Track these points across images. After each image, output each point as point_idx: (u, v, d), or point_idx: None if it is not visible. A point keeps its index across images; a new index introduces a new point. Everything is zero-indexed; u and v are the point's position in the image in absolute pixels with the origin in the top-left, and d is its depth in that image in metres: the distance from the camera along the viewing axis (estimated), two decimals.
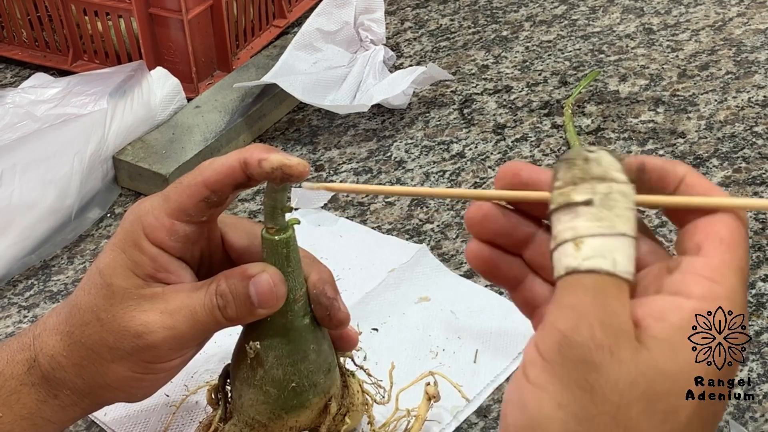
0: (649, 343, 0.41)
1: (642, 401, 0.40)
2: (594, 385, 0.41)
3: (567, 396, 0.41)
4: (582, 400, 0.41)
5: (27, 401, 0.63)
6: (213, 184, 0.60)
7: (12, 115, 1.05)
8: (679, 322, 0.41)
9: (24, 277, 0.94)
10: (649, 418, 0.40)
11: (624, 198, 0.45)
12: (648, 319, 0.42)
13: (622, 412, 0.40)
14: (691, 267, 0.42)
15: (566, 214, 0.45)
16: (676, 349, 0.41)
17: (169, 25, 1.13)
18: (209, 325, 0.62)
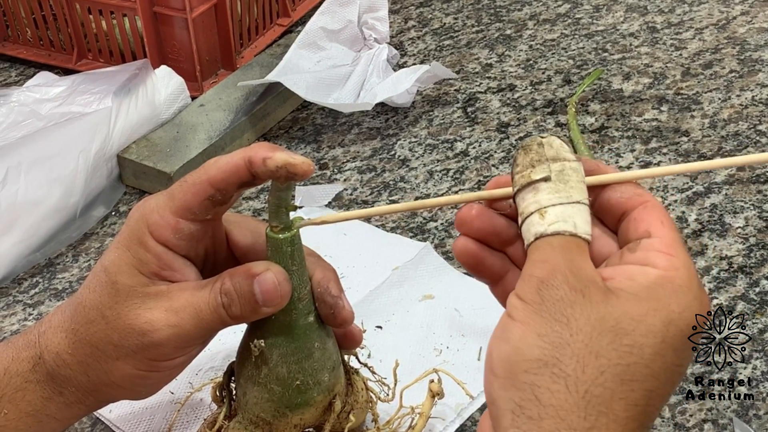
0: (618, 293, 0.48)
1: (610, 334, 0.47)
2: (569, 318, 0.47)
3: (546, 327, 0.47)
4: (559, 330, 0.47)
5: (32, 398, 0.63)
6: (218, 183, 0.60)
7: (17, 113, 1.05)
8: (646, 282, 0.48)
9: (29, 274, 0.94)
10: (617, 349, 0.47)
11: (575, 173, 0.53)
12: (618, 278, 0.49)
13: (594, 341, 0.47)
14: (650, 246, 0.50)
15: (529, 192, 0.53)
16: (641, 300, 0.48)
17: (173, 23, 1.13)
18: (214, 323, 0.62)
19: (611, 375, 0.46)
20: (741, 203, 0.95)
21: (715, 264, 0.88)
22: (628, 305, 0.48)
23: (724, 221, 0.93)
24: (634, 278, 0.49)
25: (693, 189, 0.97)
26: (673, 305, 0.48)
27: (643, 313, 0.47)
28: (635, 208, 0.52)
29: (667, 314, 0.48)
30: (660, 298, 0.48)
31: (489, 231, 0.55)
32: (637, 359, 0.47)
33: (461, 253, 0.57)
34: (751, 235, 0.91)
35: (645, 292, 0.48)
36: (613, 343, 0.47)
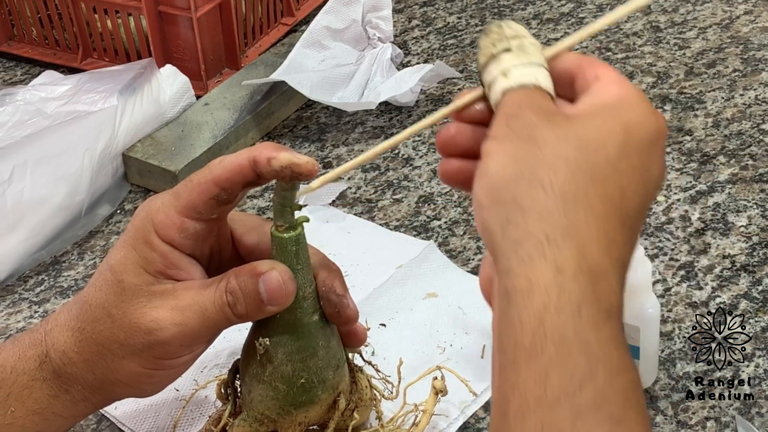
0: (579, 114, 0.53)
1: (576, 142, 0.51)
2: (537, 137, 0.51)
3: (516, 148, 0.51)
4: (528, 148, 0.51)
5: (38, 396, 0.64)
6: (223, 182, 0.61)
7: (22, 112, 1.05)
8: (602, 102, 0.53)
9: (35, 272, 0.95)
10: (584, 153, 0.51)
11: (534, 46, 0.57)
12: (578, 108, 0.53)
13: (561, 149, 0.51)
14: (601, 82, 0.54)
15: (492, 64, 0.56)
16: (600, 115, 0.52)
17: (178, 23, 1.14)
18: (219, 321, 0.62)
19: (582, 174, 0.50)
20: (744, 202, 0.95)
21: (718, 263, 0.89)
22: (589, 120, 0.52)
23: (727, 220, 0.94)
24: (592, 103, 0.53)
25: (696, 188, 0.98)
26: (630, 115, 0.52)
27: (603, 123, 0.52)
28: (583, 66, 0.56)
29: (625, 122, 0.52)
30: (617, 111, 0.52)
31: (471, 144, 0.57)
32: (603, 159, 0.51)
33: (448, 173, 0.59)
34: (754, 234, 0.92)
35: (603, 109, 0.53)
36: (580, 148, 0.51)
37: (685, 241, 0.91)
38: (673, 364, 0.79)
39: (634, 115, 0.52)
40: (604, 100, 0.53)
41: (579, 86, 0.55)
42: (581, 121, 0.52)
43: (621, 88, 0.54)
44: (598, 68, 0.55)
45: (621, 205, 0.51)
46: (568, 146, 0.51)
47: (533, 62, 0.56)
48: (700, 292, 0.86)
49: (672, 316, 0.84)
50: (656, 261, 0.89)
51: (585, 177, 0.50)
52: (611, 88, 0.54)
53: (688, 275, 0.88)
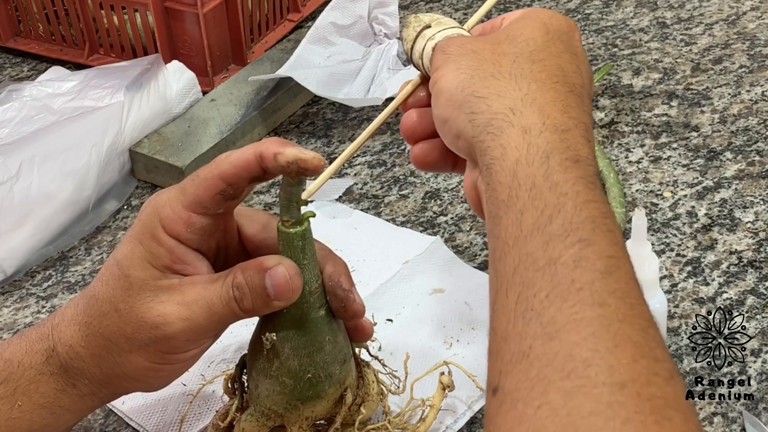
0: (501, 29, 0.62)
1: (507, 40, 0.59)
2: (473, 48, 0.60)
3: (458, 62, 0.59)
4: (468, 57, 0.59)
5: (45, 390, 0.64)
6: (229, 177, 0.61)
7: (29, 108, 1.05)
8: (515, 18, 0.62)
9: (42, 268, 0.95)
10: (516, 45, 0.59)
11: (451, 21, 0.65)
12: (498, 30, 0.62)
13: (496, 47, 0.59)
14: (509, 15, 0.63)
15: (417, 42, 0.64)
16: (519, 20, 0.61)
17: (184, 18, 1.14)
18: (225, 316, 0.63)
19: (522, 60, 0.58)
20: (751, 198, 0.95)
21: (725, 258, 0.89)
22: (510, 26, 0.61)
23: (734, 216, 0.93)
24: (508, 20, 0.63)
25: (703, 184, 0.98)
26: (542, 15, 0.61)
27: (524, 24, 0.61)
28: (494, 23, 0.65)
29: (540, 20, 0.61)
30: (531, 16, 0.61)
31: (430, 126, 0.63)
32: (535, 47, 0.59)
33: (421, 156, 0.66)
34: (761, 230, 0.92)
35: (519, 18, 0.62)
36: (512, 44, 0.59)
37: (691, 237, 0.91)
38: (680, 359, 0.79)
39: (545, 15, 0.61)
40: (516, 16, 0.62)
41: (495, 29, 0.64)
42: (504, 30, 0.61)
43: (526, 9, 0.63)
44: (505, 15, 0.65)
45: (564, 79, 0.58)
46: (502, 45, 0.59)
47: (453, 27, 0.64)
48: (707, 287, 0.86)
49: (679, 311, 0.84)
50: (663, 257, 0.89)
51: (526, 61, 0.58)
52: (518, 12, 0.63)
53: (695, 271, 0.88)
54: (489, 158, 0.54)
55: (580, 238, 0.49)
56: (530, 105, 0.55)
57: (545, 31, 0.60)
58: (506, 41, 0.59)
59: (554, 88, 0.57)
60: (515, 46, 0.59)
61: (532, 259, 0.49)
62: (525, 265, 0.49)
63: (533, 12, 0.62)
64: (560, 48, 0.60)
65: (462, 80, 0.58)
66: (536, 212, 0.51)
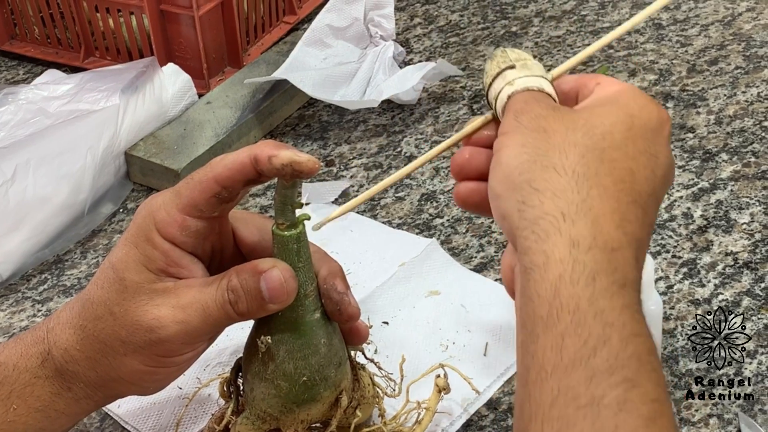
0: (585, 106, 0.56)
1: (583, 128, 0.54)
2: (545, 126, 0.54)
3: (526, 138, 0.54)
4: (538, 136, 0.54)
5: (41, 394, 0.64)
6: (224, 180, 0.61)
7: (25, 111, 1.05)
8: (605, 95, 0.56)
9: (38, 271, 0.95)
10: (591, 138, 0.53)
11: (537, 66, 0.60)
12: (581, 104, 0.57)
13: (570, 135, 0.53)
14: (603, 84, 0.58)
15: (498, 80, 0.60)
16: (605, 105, 0.55)
17: (180, 21, 1.14)
18: (221, 319, 0.63)
19: (591, 157, 0.53)
20: (746, 199, 0.95)
21: (720, 260, 0.89)
22: (594, 110, 0.55)
23: (729, 217, 0.93)
24: (596, 98, 0.57)
25: (698, 185, 0.98)
26: (633, 105, 0.55)
27: (608, 111, 0.55)
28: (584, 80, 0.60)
29: (628, 110, 0.55)
30: (620, 102, 0.55)
31: (484, 167, 0.59)
32: (610, 143, 0.53)
33: (464, 196, 0.61)
34: (756, 231, 0.92)
35: (606, 101, 0.56)
36: (587, 134, 0.53)
37: (687, 239, 0.91)
38: (675, 361, 0.79)
39: (636, 104, 0.55)
40: (607, 94, 0.56)
41: (582, 96, 0.59)
42: (587, 111, 0.55)
43: (622, 85, 0.57)
44: (599, 77, 0.59)
45: (632, 186, 0.53)
46: (577, 133, 0.53)
47: (537, 75, 0.59)
48: (703, 289, 0.86)
49: (674, 313, 0.84)
50: (659, 258, 0.89)
51: (595, 159, 0.53)
52: (613, 86, 0.57)
53: (691, 272, 0.88)
54: (530, 261, 0.51)
55: (625, 378, 0.47)
56: (585, 214, 0.51)
57: (628, 126, 0.54)
58: (582, 129, 0.54)
59: (616, 197, 0.52)
60: (590, 138, 0.53)
61: (573, 394, 0.47)
62: (565, 399, 0.47)
63: (625, 96, 0.56)
64: (639, 148, 0.54)
65: (523, 161, 0.53)
66: (579, 341, 0.48)
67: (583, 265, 0.49)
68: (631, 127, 0.54)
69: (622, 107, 0.55)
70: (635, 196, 0.53)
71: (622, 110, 0.55)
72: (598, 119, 0.54)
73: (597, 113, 0.55)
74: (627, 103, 0.55)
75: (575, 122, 0.54)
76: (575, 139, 0.53)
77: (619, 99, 0.56)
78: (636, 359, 0.47)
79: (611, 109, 0.55)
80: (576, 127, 0.54)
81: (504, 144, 0.55)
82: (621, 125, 0.54)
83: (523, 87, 0.58)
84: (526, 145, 0.54)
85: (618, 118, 0.54)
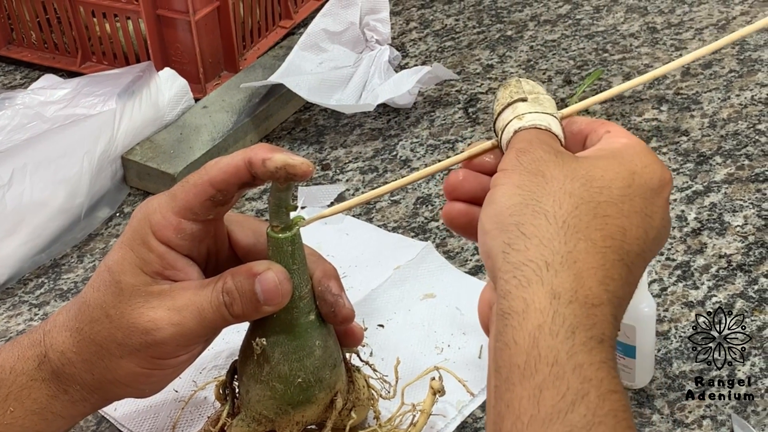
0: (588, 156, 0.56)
1: (582, 179, 0.53)
2: (544, 171, 0.54)
3: (524, 179, 0.54)
4: (535, 180, 0.53)
5: (37, 396, 0.64)
6: (219, 183, 0.61)
7: (22, 116, 1.06)
8: (610, 148, 0.56)
9: (34, 275, 0.95)
10: (588, 190, 0.53)
11: (549, 101, 0.60)
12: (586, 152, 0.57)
13: (567, 184, 0.53)
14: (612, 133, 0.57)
15: (507, 110, 0.59)
16: (608, 158, 0.55)
17: (176, 26, 1.14)
18: (216, 321, 0.63)
19: (585, 209, 0.52)
20: (740, 202, 0.96)
21: (714, 262, 0.89)
22: (596, 161, 0.55)
23: (723, 220, 0.94)
24: (601, 148, 0.57)
25: (692, 188, 0.98)
26: (636, 162, 0.55)
27: (610, 165, 0.54)
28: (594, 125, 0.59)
29: (631, 167, 0.54)
30: (625, 157, 0.55)
31: (477, 191, 0.60)
32: (607, 198, 0.53)
33: (452, 216, 0.61)
34: (750, 234, 0.92)
35: (610, 153, 0.55)
36: (585, 186, 0.53)
37: (681, 241, 0.92)
38: (669, 363, 0.80)
39: (640, 162, 0.55)
40: (613, 146, 0.56)
41: (590, 141, 0.58)
42: (589, 161, 0.55)
43: (630, 139, 0.57)
44: (610, 126, 0.58)
45: (621, 244, 0.52)
46: (575, 183, 0.53)
47: (547, 112, 0.59)
48: (697, 291, 0.86)
49: (668, 315, 0.84)
50: (653, 261, 0.89)
51: (588, 212, 0.52)
52: (620, 138, 0.57)
53: (685, 275, 0.88)
54: (508, 306, 0.51)
55: None
56: (569, 267, 0.50)
57: (628, 183, 0.54)
58: (581, 179, 0.53)
59: (603, 253, 0.51)
60: (587, 190, 0.53)
61: None
62: None
63: (630, 152, 0.55)
64: (635, 207, 0.54)
65: (516, 203, 0.53)
66: (557, 394, 0.47)
67: (563, 318, 0.49)
68: (631, 185, 0.54)
69: (625, 163, 0.55)
70: (623, 254, 0.52)
71: (624, 166, 0.54)
72: (599, 172, 0.54)
73: (599, 165, 0.54)
74: (631, 160, 0.55)
75: (575, 171, 0.54)
76: (572, 189, 0.53)
77: (623, 154, 0.55)
78: (612, 416, 0.48)
79: (613, 163, 0.55)
80: (575, 177, 0.53)
81: (501, 181, 0.55)
82: (620, 181, 0.54)
83: (531, 124, 0.58)
84: (522, 186, 0.53)
85: (618, 174, 0.54)
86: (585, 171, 0.54)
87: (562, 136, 0.58)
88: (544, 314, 0.49)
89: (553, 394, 0.47)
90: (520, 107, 0.59)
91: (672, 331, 0.83)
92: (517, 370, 0.49)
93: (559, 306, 0.49)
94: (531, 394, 0.48)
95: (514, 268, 0.51)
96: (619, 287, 0.52)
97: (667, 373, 0.79)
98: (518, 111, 0.59)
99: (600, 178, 0.54)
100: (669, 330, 0.83)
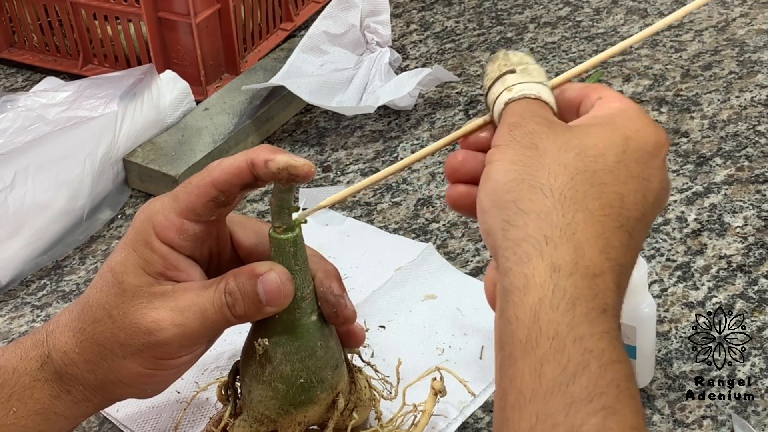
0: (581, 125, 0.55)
1: (576, 149, 0.53)
2: (537, 143, 0.53)
3: (517, 154, 0.53)
4: (529, 154, 0.53)
5: (40, 396, 0.64)
6: (221, 184, 0.61)
7: (24, 118, 1.06)
8: (603, 114, 0.55)
9: (37, 277, 0.96)
10: (582, 160, 0.52)
11: (537, 71, 0.59)
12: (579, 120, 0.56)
13: (561, 156, 0.53)
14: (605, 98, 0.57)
15: (497, 83, 0.59)
16: (601, 125, 0.54)
17: (177, 28, 1.14)
18: (218, 322, 0.63)
19: (581, 179, 0.52)
20: (740, 203, 0.96)
21: (714, 263, 0.89)
22: (589, 129, 0.54)
23: (723, 221, 0.94)
24: (594, 115, 0.56)
25: (692, 189, 0.98)
26: (630, 126, 0.54)
27: (603, 132, 0.54)
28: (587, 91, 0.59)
29: (624, 132, 0.54)
30: (617, 123, 0.54)
31: (477, 171, 0.58)
32: (602, 166, 0.53)
33: (455, 198, 0.61)
34: (750, 235, 0.92)
35: (603, 120, 0.55)
36: (579, 155, 0.53)
37: (681, 242, 0.92)
38: (669, 363, 0.80)
39: (634, 126, 0.55)
40: (605, 112, 0.56)
41: (583, 108, 0.58)
42: (581, 130, 0.54)
43: (622, 103, 0.56)
44: (602, 91, 0.58)
45: (620, 210, 0.52)
46: (569, 153, 0.53)
47: (536, 81, 0.59)
48: (697, 292, 0.87)
49: (669, 316, 0.84)
50: (653, 261, 0.90)
51: (584, 182, 0.52)
52: (613, 103, 0.56)
53: (685, 276, 0.88)
54: (509, 282, 0.51)
55: (603, 405, 0.47)
56: (568, 239, 0.50)
57: (623, 149, 0.53)
58: (575, 149, 0.53)
59: (602, 222, 0.51)
60: (581, 159, 0.53)
61: (551, 421, 0.47)
62: (544, 427, 0.47)
63: (623, 117, 0.55)
64: (632, 172, 0.53)
65: (511, 179, 0.53)
66: (558, 367, 0.48)
67: (563, 291, 0.49)
68: (625, 150, 0.54)
69: (619, 129, 0.54)
70: (622, 221, 0.52)
71: (618, 132, 0.54)
72: (593, 140, 0.54)
73: (592, 133, 0.54)
74: (624, 125, 0.54)
75: (568, 142, 0.53)
76: (566, 160, 0.52)
77: (616, 119, 0.55)
78: (615, 386, 0.48)
79: (606, 130, 0.54)
80: (569, 147, 0.53)
81: (496, 157, 0.54)
82: (615, 148, 0.53)
83: (521, 94, 0.57)
84: (516, 162, 0.53)
85: (612, 140, 0.54)
86: (578, 140, 0.53)
87: (553, 104, 0.58)
88: (544, 288, 0.49)
89: (553, 367, 0.48)
90: (510, 79, 0.59)
91: (672, 332, 0.83)
92: (519, 345, 0.49)
93: (559, 279, 0.49)
94: (532, 369, 0.48)
95: (513, 245, 0.51)
96: (620, 254, 0.52)
97: (667, 373, 0.79)
98: (508, 83, 0.59)
99: (594, 146, 0.53)
100: (669, 330, 0.83)
